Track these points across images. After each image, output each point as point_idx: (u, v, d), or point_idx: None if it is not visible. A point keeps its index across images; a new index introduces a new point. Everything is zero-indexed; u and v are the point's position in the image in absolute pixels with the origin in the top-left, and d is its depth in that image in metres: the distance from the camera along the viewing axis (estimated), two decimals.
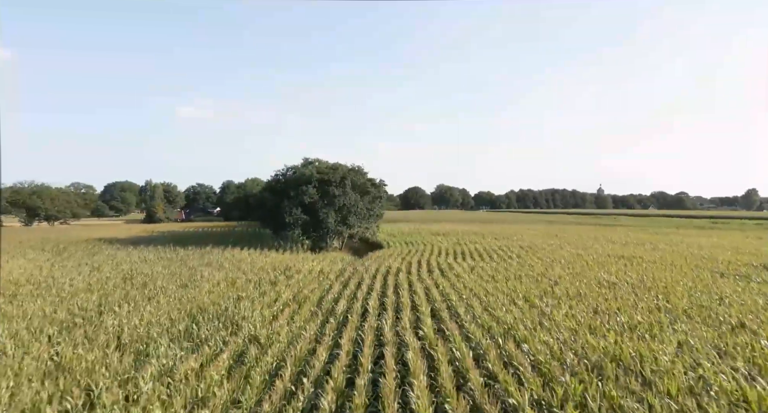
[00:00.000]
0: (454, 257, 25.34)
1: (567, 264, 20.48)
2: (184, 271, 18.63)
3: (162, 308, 12.09)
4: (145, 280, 16.45)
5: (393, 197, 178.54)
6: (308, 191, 31.45)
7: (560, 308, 12.04)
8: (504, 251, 26.54)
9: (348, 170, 34.12)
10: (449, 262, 22.64)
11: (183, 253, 25.89)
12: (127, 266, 19.75)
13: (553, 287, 15.07)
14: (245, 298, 13.77)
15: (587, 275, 17.31)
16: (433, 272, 19.29)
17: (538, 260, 21.99)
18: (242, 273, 18.60)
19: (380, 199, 36.79)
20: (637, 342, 8.91)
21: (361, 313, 12.41)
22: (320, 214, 31.51)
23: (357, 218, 33.68)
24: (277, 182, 34.64)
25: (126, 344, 9.06)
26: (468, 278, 17.42)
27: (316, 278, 18.39)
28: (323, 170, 33.13)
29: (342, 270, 20.82)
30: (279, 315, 12.17)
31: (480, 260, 23.01)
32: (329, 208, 31.96)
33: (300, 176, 32.73)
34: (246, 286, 15.55)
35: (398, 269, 20.56)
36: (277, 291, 14.93)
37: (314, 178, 32.26)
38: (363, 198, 34.63)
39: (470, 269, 19.91)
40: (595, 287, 14.85)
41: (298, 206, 31.44)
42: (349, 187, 32.70)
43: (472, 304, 12.90)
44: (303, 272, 19.63)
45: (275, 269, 20.04)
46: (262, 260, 23.58)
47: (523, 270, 18.91)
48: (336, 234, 33.17)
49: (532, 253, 25.40)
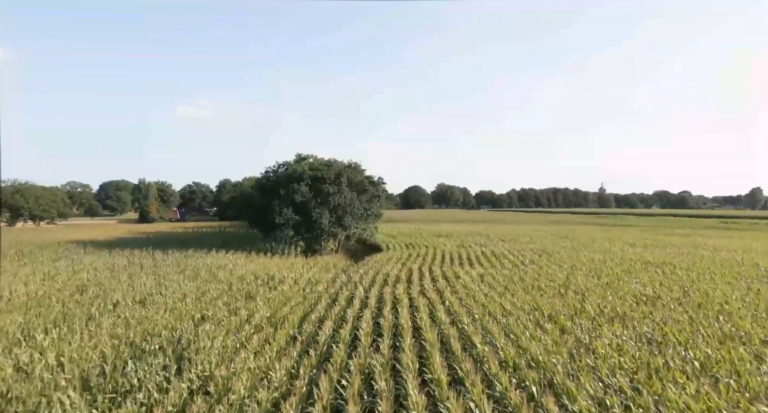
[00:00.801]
0: (459, 262, 22.82)
1: (590, 272, 17.98)
2: (149, 281, 16.13)
3: (101, 334, 9.60)
4: (99, 293, 13.95)
5: (393, 196, 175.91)
6: (300, 189, 28.94)
7: (600, 335, 9.55)
8: (515, 256, 24.02)
9: (344, 167, 31.59)
10: (455, 269, 20.13)
11: (160, 258, 23.39)
12: (87, 275, 17.25)
13: (582, 302, 12.57)
14: (210, 319, 11.27)
15: (618, 286, 14.79)
16: (438, 282, 16.79)
17: (556, 267, 19.49)
18: (217, 284, 16.11)
19: (378, 198, 34.23)
20: (726, 394, 6.43)
21: (350, 341, 9.91)
22: (313, 214, 29.02)
23: (353, 218, 31.18)
24: (267, 180, 32.11)
25: (11, 398, 6.54)
26: (478, 290, 14.91)
27: (303, 289, 15.88)
28: (317, 167, 30.61)
29: (334, 279, 18.32)
30: (247, 343, 9.67)
31: (489, 267, 20.50)
32: (323, 207, 29.45)
33: (291, 174, 30.21)
34: (215, 302, 13.04)
35: (397, 278, 18.07)
36: (252, 309, 12.42)
37: (307, 175, 29.76)
38: (360, 197, 32.11)
39: (479, 279, 17.41)
40: (633, 303, 12.35)
41: (289, 206, 28.93)
42: (344, 185, 30.19)
43: (488, 327, 10.40)
44: (288, 281, 17.14)
45: (257, 278, 17.54)
46: (246, 266, 21.08)
47: (542, 280, 16.40)
48: (330, 236, 30.66)
49: (546, 258, 22.89)
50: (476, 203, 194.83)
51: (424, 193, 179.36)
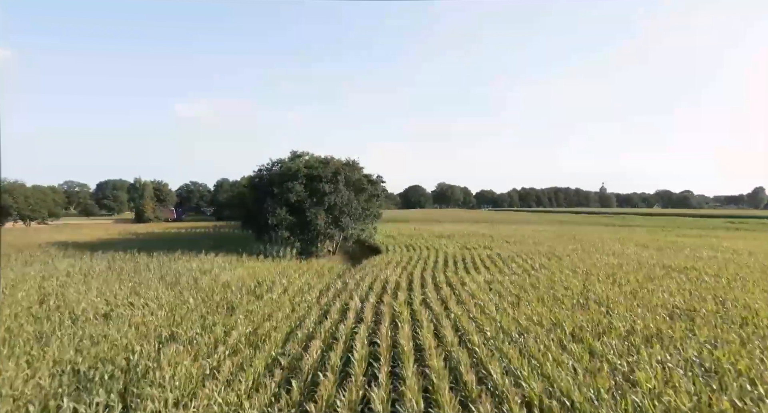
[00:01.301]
0: (464, 266, 21.25)
1: (608, 278, 16.41)
2: (121, 291, 14.56)
3: (43, 360, 8.04)
4: (61, 304, 12.38)
5: (393, 196, 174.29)
6: (294, 187, 27.39)
7: (639, 360, 7.99)
8: (522, 259, 22.45)
9: (341, 165, 30.03)
10: (459, 275, 18.57)
11: (143, 262, 21.83)
12: (55, 282, 15.68)
13: (607, 316, 11.00)
14: (180, 337, 9.71)
15: (644, 296, 13.22)
16: (441, 290, 15.22)
17: (569, 272, 17.91)
18: (198, 292, 14.55)
19: (377, 197, 32.68)
20: None
21: (340, 367, 8.36)
22: (308, 214, 27.46)
23: (351, 218, 29.64)
24: (260, 178, 30.56)
25: None
26: (487, 300, 13.33)
27: (292, 299, 14.31)
28: (312, 164, 29.04)
29: (328, 286, 16.76)
30: (218, 370, 8.11)
31: (497, 272, 18.92)
32: (318, 207, 27.90)
33: (285, 172, 28.66)
34: (190, 315, 11.46)
35: (397, 285, 16.50)
36: (231, 324, 10.86)
37: (302, 173, 28.20)
38: (358, 196, 30.57)
39: (487, 286, 15.84)
40: (667, 318, 10.77)
41: (282, 206, 27.37)
42: (341, 183, 28.64)
43: (503, 349, 8.85)
44: (278, 289, 15.57)
45: (244, 286, 15.98)
46: (234, 271, 19.51)
47: (556, 288, 14.84)
48: (327, 237, 29.10)
49: (557, 261, 21.33)
50: (477, 203, 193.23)
51: (425, 192, 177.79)
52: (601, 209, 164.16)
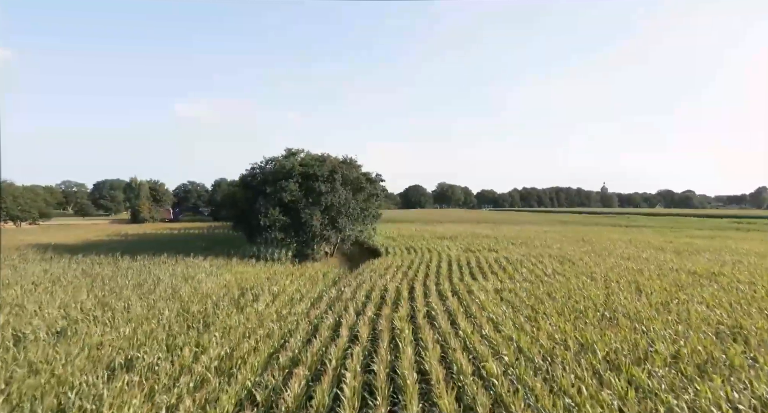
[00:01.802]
0: (469, 271, 19.65)
1: (630, 286, 14.81)
2: (89, 301, 12.97)
3: None
4: (10, 319, 10.77)
5: (393, 196, 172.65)
6: (288, 186, 25.78)
7: (700, 399, 6.40)
8: (533, 264, 20.84)
9: (338, 163, 28.42)
10: (465, 281, 16.95)
11: (124, 266, 20.27)
12: (16, 291, 14.07)
13: (644, 336, 9.40)
14: (138, 363, 8.11)
15: (678, 310, 11.60)
16: (447, 301, 13.61)
17: (587, 279, 16.31)
18: (174, 302, 12.96)
19: (376, 197, 31.05)
20: None
21: (329, 405, 6.77)
22: (303, 215, 25.86)
23: (348, 219, 28.03)
24: (252, 177, 28.93)
25: None
26: (500, 313, 11.72)
27: (279, 311, 12.71)
28: (308, 162, 27.43)
29: (320, 296, 15.15)
30: (175, 411, 6.51)
31: (507, 279, 17.31)
32: (314, 208, 26.29)
33: (279, 170, 27.05)
34: (156, 334, 9.85)
35: (397, 294, 14.90)
36: (203, 345, 9.26)
37: (296, 171, 26.59)
38: (356, 196, 28.96)
39: (497, 295, 14.24)
40: (717, 341, 9.15)
41: (275, 206, 25.77)
42: (338, 182, 27.03)
43: (526, 380, 7.26)
44: (264, 299, 13.97)
45: (227, 295, 14.40)
46: (220, 277, 17.93)
47: (576, 298, 13.23)
48: (323, 239, 27.50)
49: (570, 266, 19.72)
50: (477, 203, 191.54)
51: (425, 192, 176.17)
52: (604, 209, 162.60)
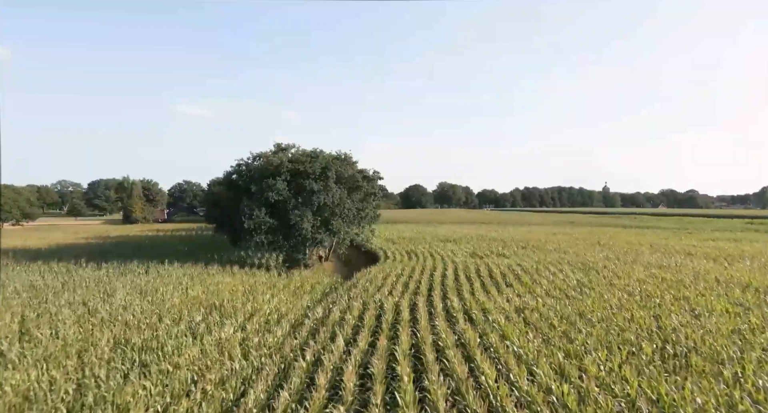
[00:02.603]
0: (480, 282, 17.02)
1: (679, 305, 12.18)
2: (10, 326, 10.36)
3: None
4: None
5: (393, 195, 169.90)
6: (276, 185, 23.18)
7: None
8: (551, 272, 18.22)
9: (332, 159, 25.83)
10: (478, 296, 14.31)
11: (83, 276, 17.68)
12: None
13: (739, 389, 6.78)
14: None
15: (763, 343, 8.96)
16: (457, 325, 10.98)
17: (622, 294, 13.68)
18: (118, 327, 10.36)
19: (374, 196, 28.38)
20: None
21: None
22: (292, 216, 23.24)
23: (343, 220, 25.42)
24: (239, 174, 26.31)
25: None
26: (526, 345, 9.09)
27: (247, 341, 10.09)
28: (298, 158, 24.83)
29: (303, 317, 12.53)
30: None
31: (525, 293, 14.66)
32: (305, 208, 23.68)
33: (266, 166, 24.45)
34: (62, 385, 7.21)
35: (396, 313, 12.28)
36: (124, 403, 6.65)
37: (285, 168, 23.99)
38: (351, 195, 26.37)
39: (518, 316, 11.63)
40: None
41: (261, 206, 23.17)
42: (332, 180, 24.42)
43: None
44: (234, 322, 11.35)
45: (190, 314, 11.80)
46: (190, 289, 15.33)
47: (618, 321, 10.61)
48: (315, 243, 24.88)
49: (596, 277, 17.10)
50: (478, 203, 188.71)
51: (426, 192, 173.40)
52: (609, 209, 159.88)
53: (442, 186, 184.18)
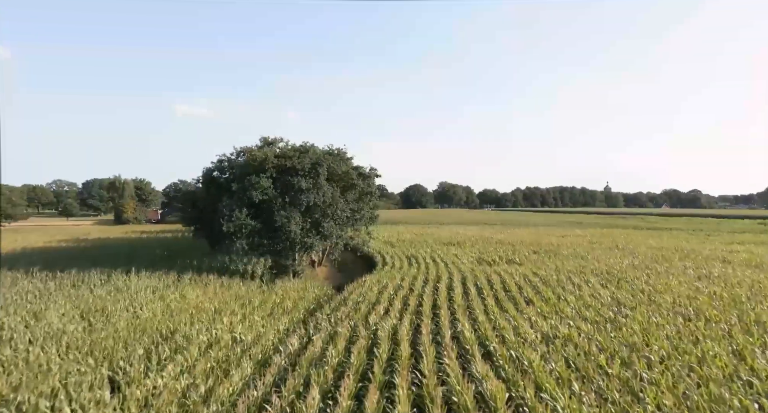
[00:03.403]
0: (494, 297, 14.38)
1: (756, 332, 9.53)
2: None
3: None
4: None
5: (393, 195, 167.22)
6: (260, 182, 20.53)
7: None
8: (575, 284, 15.57)
9: (324, 154, 23.19)
10: (494, 317, 11.65)
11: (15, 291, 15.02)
12: None
13: None
14: None
15: None
16: (472, 363, 8.33)
17: (671, 315, 11.03)
18: (24, 366, 7.72)
19: (370, 195, 25.70)
20: None
21: None
22: (277, 218, 20.59)
23: (336, 222, 22.77)
24: (221, 171, 23.67)
25: None
26: (567, 400, 6.45)
27: (193, 387, 7.44)
28: (285, 153, 22.18)
29: (272, 350, 9.85)
30: None
31: (552, 313, 11.99)
32: (293, 209, 21.03)
33: (248, 163, 21.79)
34: None
35: (394, 344, 9.64)
36: None
37: (270, 164, 21.34)
38: (345, 194, 23.73)
39: (547, 346, 9.00)
40: None
41: (243, 207, 20.53)
42: (323, 177, 21.75)
43: None
44: (182, 359, 8.71)
45: (129, 346, 9.17)
46: (144, 308, 12.68)
47: (689, 361, 7.98)
48: (304, 248, 22.22)
49: (629, 288, 14.46)
50: (479, 203, 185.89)
51: (426, 192, 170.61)
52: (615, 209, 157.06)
53: (443, 186, 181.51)
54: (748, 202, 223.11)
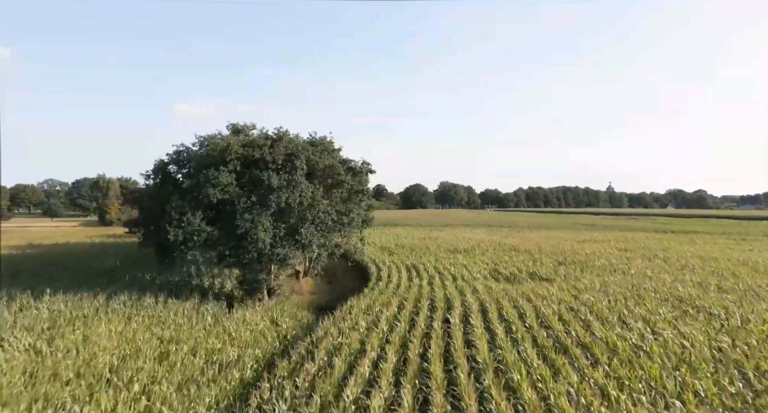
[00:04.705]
0: (532, 341, 9.89)
1: None
2: None
3: None
4: None
5: (392, 195, 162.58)
6: (218, 178, 16.02)
7: None
8: (640, 317, 11.08)
9: (302, 144, 18.71)
10: (543, 388, 7.17)
11: None
12: None
13: None
14: None
15: None
16: None
17: None
18: None
19: (362, 194, 20.90)
20: None
21: None
22: (240, 222, 16.07)
23: (318, 229, 18.24)
24: (178, 165, 19.11)
25: None
26: None
27: None
28: (253, 142, 17.63)
29: None
30: None
31: (632, 378, 7.50)
32: (261, 211, 16.51)
33: (206, 154, 17.29)
34: None
35: None
36: None
37: (233, 154, 16.82)
38: (330, 193, 19.20)
39: None
40: None
41: (198, 209, 16.05)
42: (301, 172, 17.22)
43: None
44: None
45: None
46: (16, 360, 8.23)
47: None
48: (278, 261, 17.61)
49: (723, 325, 10.02)
50: (481, 203, 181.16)
51: (426, 192, 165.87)
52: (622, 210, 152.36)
53: (444, 186, 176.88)
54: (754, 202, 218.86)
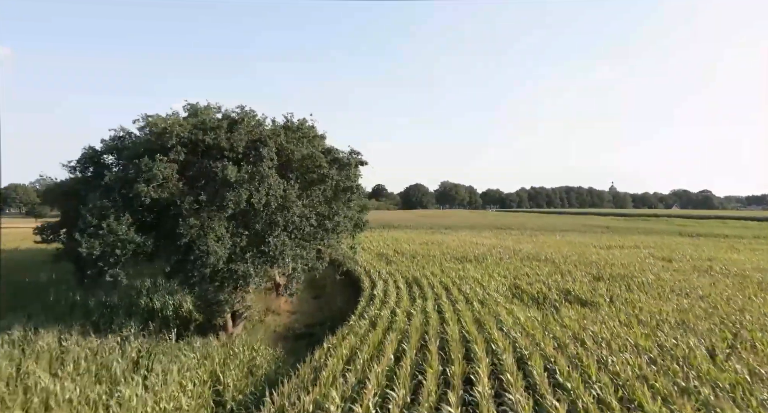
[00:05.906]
0: None
1: None
2: None
3: None
4: None
5: (392, 195, 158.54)
6: (153, 170, 11.82)
7: None
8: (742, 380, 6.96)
9: (275, 128, 14.56)
10: None
11: None
12: None
13: None
14: None
15: None
16: None
17: None
18: None
19: (349, 191, 16.34)
20: None
21: None
22: (182, 229, 11.86)
23: (292, 237, 14.00)
24: (119, 154, 14.83)
25: None
26: None
27: None
28: (205, 124, 13.38)
29: None
30: None
31: None
32: (214, 214, 12.30)
33: (142, 140, 13.14)
34: None
35: None
36: None
37: (174, 137, 12.59)
38: (309, 191, 14.92)
39: None
40: None
41: (125, 211, 11.88)
42: (268, 164, 12.98)
43: None
44: None
45: None
46: None
47: None
48: (240, 280, 13.32)
49: None
50: (482, 203, 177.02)
51: (427, 192, 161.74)
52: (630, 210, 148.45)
53: (445, 186, 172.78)
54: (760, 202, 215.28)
